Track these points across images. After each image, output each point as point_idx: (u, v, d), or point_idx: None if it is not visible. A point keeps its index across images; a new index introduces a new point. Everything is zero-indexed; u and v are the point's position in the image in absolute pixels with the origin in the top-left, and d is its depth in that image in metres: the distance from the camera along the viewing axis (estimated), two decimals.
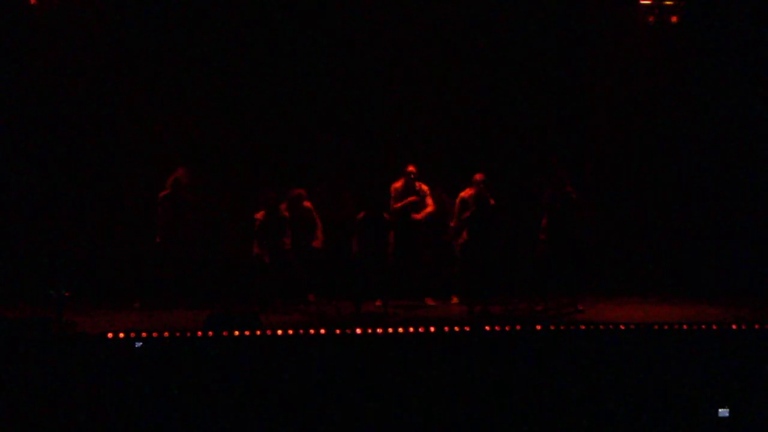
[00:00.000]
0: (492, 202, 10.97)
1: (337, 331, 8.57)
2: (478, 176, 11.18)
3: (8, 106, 12.50)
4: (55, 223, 12.25)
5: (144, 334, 8.25)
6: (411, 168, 11.33)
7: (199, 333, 8.31)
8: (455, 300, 11.52)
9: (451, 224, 11.54)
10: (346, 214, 11.70)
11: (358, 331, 8.59)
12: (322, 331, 8.50)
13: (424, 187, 11.40)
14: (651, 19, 13.32)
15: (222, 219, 12.29)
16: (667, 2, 13.20)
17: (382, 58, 13.06)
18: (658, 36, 13.34)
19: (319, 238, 11.26)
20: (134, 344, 8.19)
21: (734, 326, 8.85)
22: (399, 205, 11.23)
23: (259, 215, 11.09)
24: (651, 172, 13.52)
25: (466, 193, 11.29)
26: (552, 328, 8.82)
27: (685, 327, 8.76)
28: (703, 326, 8.83)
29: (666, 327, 8.77)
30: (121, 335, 8.23)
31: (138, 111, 12.73)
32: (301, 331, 8.52)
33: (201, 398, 7.82)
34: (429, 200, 11.38)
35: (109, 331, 8.40)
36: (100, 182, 12.59)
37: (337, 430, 7.84)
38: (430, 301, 11.46)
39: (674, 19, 13.24)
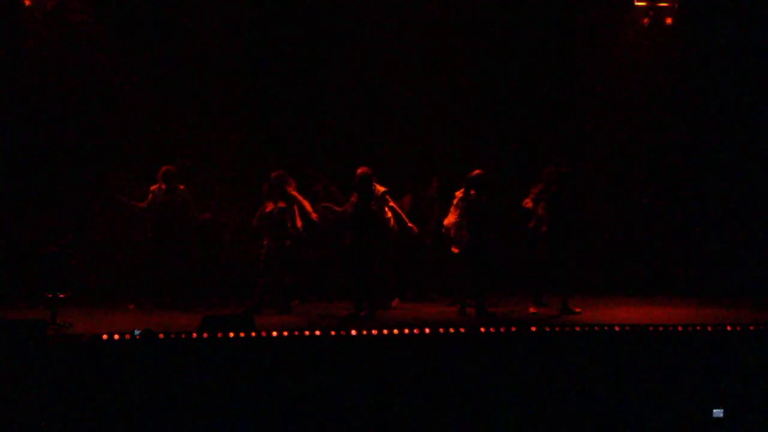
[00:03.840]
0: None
1: (332, 333, 8.56)
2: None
3: (4, 107, 12.50)
4: (50, 225, 12.25)
5: (138, 337, 8.24)
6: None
7: (194, 335, 8.29)
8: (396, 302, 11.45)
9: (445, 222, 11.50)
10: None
11: (353, 332, 8.58)
12: (317, 332, 8.49)
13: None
14: (646, 21, 13.38)
15: (217, 220, 12.29)
16: (662, 4, 13.25)
17: (380, 56, 13.08)
18: (653, 38, 13.39)
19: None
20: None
21: (729, 327, 8.85)
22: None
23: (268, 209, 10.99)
24: (649, 173, 13.55)
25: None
26: (547, 329, 8.80)
27: (680, 328, 8.76)
28: (698, 327, 8.82)
29: (661, 328, 8.77)
30: (116, 337, 8.22)
31: (135, 111, 12.74)
32: (296, 333, 8.50)
33: (196, 400, 7.81)
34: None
35: (104, 333, 8.38)
36: (96, 184, 12.60)
37: (333, 430, 7.84)
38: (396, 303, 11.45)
39: (669, 21, 13.30)
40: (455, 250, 10.81)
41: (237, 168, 12.87)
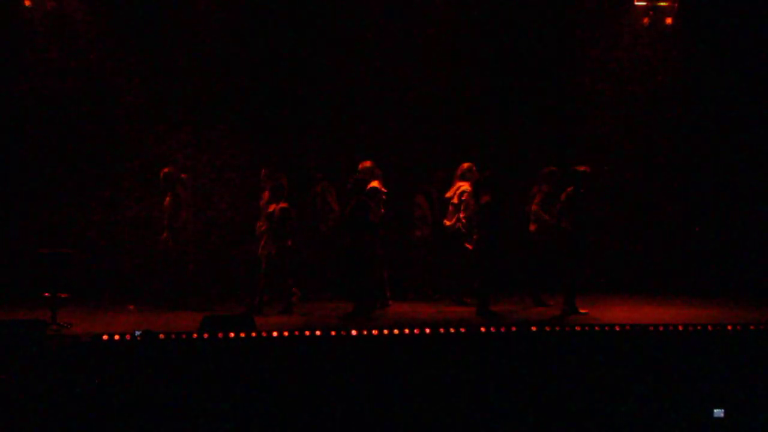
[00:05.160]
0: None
1: (332, 333, 8.55)
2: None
3: (4, 107, 12.51)
4: (50, 225, 12.26)
5: (139, 338, 8.24)
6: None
7: (194, 335, 8.29)
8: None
9: (446, 222, 11.52)
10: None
11: (353, 332, 8.58)
12: (317, 332, 8.49)
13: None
14: (646, 20, 13.37)
15: (217, 219, 12.31)
16: (662, 4, 13.25)
17: (381, 54, 13.09)
18: (653, 37, 13.39)
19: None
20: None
21: (729, 327, 8.85)
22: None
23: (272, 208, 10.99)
24: (649, 173, 13.56)
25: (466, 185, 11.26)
26: (547, 329, 8.80)
27: (680, 328, 8.75)
28: (699, 327, 8.82)
29: (661, 328, 8.76)
30: (116, 337, 8.22)
31: (135, 111, 12.74)
32: (296, 333, 8.50)
33: (196, 400, 7.81)
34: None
35: (104, 333, 8.38)
36: (96, 184, 12.61)
37: (333, 430, 7.84)
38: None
39: (669, 20, 13.30)
40: (469, 247, 10.85)
41: (238, 168, 12.87)
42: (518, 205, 11.73)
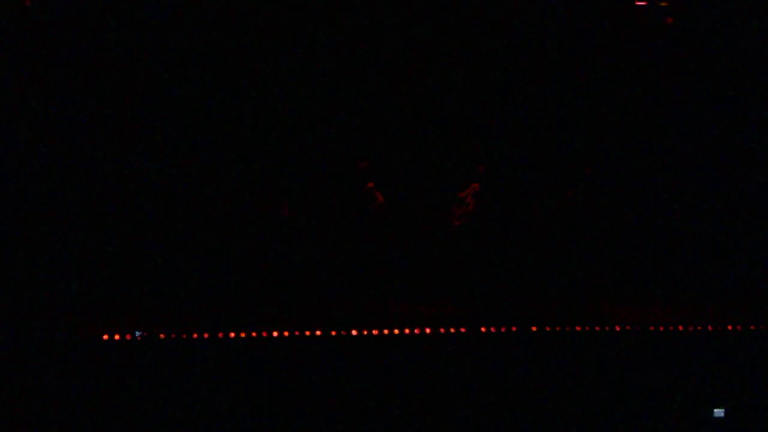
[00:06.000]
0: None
1: (333, 333, 8.57)
2: None
3: (4, 107, 12.51)
4: (52, 224, 12.25)
5: (139, 338, 8.26)
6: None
7: (194, 335, 8.30)
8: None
9: (456, 223, 11.54)
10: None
11: (354, 332, 8.59)
12: (317, 332, 8.50)
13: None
14: (646, 21, 13.37)
15: (218, 219, 12.28)
16: (662, 3, 13.24)
17: (385, 55, 13.09)
18: (653, 37, 13.38)
19: None
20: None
21: (729, 327, 8.86)
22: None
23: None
24: (649, 173, 13.53)
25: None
26: (548, 329, 8.81)
27: (680, 328, 8.76)
28: (699, 327, 8.83)
29: (661, 328, 8.78)
30: (116, 337, 8.23)
31: (135, 112, 12.73)
32: (296, 333, 8.51)
33: (196, 400, 7.82)
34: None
35: (104, 333, 8.39)
36: (97, 184, 12.60)
37: (332, 430, 7.85)
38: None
39: (669, 20, 13.30)
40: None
41: (236, 167, 12.87)
42: (519, 205, 11.73)
